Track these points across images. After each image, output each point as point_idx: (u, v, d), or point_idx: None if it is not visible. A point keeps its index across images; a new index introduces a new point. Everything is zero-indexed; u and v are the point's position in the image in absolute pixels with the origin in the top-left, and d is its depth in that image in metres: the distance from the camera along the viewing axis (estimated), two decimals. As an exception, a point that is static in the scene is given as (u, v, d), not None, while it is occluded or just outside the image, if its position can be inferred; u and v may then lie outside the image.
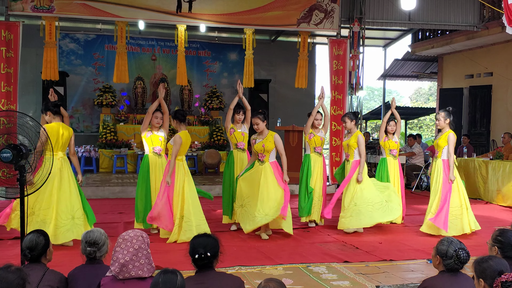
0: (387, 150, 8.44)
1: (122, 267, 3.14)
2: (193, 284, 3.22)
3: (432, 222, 7.30)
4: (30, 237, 3.59)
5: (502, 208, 10.21)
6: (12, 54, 10.78)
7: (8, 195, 4.47)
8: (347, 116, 7.88)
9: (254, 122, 7.13)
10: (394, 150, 8.42)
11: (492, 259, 3.07)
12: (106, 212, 9.13)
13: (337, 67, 12.54)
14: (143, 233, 3.30)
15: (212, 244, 3.34)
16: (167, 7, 11.83)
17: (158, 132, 7.27)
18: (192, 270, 3.41)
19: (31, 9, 11.09)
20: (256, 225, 6.90)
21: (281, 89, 17.60)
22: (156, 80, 16.40)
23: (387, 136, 8.47)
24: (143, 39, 16.53)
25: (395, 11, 13.15)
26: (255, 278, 5.09)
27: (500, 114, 14.54)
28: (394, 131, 8.45)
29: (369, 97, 40.52)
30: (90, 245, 3.63)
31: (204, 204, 9.94)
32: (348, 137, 7.78)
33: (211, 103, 15.91)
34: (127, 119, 15.13)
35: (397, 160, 8.46)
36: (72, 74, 15.75)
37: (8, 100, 10.67)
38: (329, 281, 5.11)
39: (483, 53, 14.91)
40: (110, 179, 12.44)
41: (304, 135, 8.24)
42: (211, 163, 13.89)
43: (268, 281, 2.85)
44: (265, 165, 7.04)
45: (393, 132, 8.45)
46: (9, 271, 2.82)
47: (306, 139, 8.10)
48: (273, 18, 12.37)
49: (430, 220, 7.33)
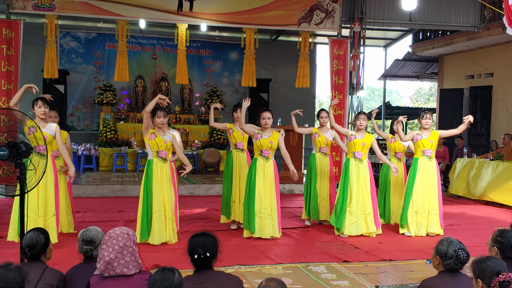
0: (392, 152, 8.35)
1: (107, 265, 3.15)
2: (192, 283, 3.22)
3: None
4: (30, 235, 3.59)
5: (502, 209, 10.20)
6: (13, 52, 10.78)
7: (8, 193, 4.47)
8: (364, 114, 7.55)
9: (266, 116, 6.91)
10: (399, 153, 8.30)
11: (490, 260, 3.07)
12: (106, 210, 9.14)
13: (337, 67, 12.55)
14: (129, 231, 3.30)
15: (211, 244, 3.33)
16: (168, 6, 11.84)
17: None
18: (190, 269, 3.41)
19: (32, 7, 11.09)
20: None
21: (281, 89, 17.63)
22: (157, 79, 16.42)
23: (394, 137, 8.31)
24: (144, 38, 16.55)
25: (396, 12, 13.16)
26: (255, 278, 5.09)
27: (500, 115, 14.54)
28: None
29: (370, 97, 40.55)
30: (86, 244, 3.63)
31: (204, 203, 10.00)
32: (361, 136, 7.37)
33: (212, 102, 15.91)
34: (127, 117, 15.14)
35: (401, 162, 8.31)
36: (72, 72, 15.77)
37: (8, 98, 10.66)
38: (328, 280, 5.11)
39: (483, 54, 14.91)
40: (110, 178, 12.45)
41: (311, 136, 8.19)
42: (211, 162, 13.89)
43: (269, 280, 2.85)
44: (270, 162, 6.98)
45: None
46: (8, 269, 2.82)
47: (312, 138, 8.12)
48: (274, 17, 12.38)
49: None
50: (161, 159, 6.55)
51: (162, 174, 6.55)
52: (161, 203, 6.52)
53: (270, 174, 6.94)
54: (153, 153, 6.54)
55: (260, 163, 6.95)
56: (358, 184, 7.25)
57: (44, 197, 6.31)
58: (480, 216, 9.38)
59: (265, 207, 6.86)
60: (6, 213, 8.44)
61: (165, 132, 6.64)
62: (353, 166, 7.30)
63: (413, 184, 7.37)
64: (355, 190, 7.23)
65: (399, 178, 8.22)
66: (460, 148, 13.14)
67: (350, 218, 7.18)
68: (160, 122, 6.51)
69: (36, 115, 6.40)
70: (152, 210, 6.49)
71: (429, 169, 7.40)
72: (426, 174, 7.38)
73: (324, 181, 8.04)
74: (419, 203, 7.36)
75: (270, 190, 6.93)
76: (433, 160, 7.45)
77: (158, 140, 6.50)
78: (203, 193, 11.35)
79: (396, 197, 8.26)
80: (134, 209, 8.74)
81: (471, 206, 10.56)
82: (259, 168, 6.93)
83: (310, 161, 8.12)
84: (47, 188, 6.36)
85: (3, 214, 8.41)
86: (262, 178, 6.90)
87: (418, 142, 7.45)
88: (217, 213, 8.61)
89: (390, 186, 8.31)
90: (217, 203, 9.17)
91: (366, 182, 7.28)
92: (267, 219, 6.86)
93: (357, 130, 7.46)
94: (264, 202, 6.87)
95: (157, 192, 6.51)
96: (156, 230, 6.49)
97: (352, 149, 7.35)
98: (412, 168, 7.46)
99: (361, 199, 7.23)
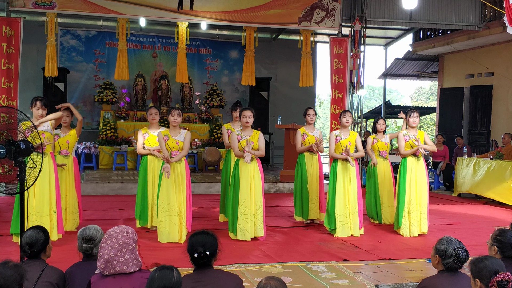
0: (376, 152, 8.37)
1: (107, 263, 3.16)
2: (191, 282, 3.22)
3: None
4: (30, 233, 3.59)
5: (502, 208, 10.20)
6: (13, 50, 10.77)
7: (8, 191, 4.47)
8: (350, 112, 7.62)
9: (247, 115, 6.83)
10: (383, 152, 8.36)
11: (488, 259, 3.07)
12: (106, 208, 9.14)
13: (338, 66, 12.54)
14: (129, 229, 3.30)
15: (211, 242, 3.33)
16: (168, 4, 11.82)
17: (154, 131, 7.06)
18: (190, 268, 3.41)
19: (32, 5, 11.07)
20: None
21: (281, 87, 17.62)
22: (157, 77, 16.41)
23: (376, 137, 8.39)
24: (144, 36, 16.53)
25: (396, 10, 13.15)
26: (254, 276, 5.09)
27: (500, 114, 14.54)
28: (384, 130, 8.41)
29: (370, 96, 40.52)
30: (86, 242, 3.63)
31: (204, 201, 10.00)
32: (346, 136, 7.41)
33: (212, 101, 15.92)
34: (127, 116, 15.13)
35: (387, 161, 8.38)
36: (72, 70, 15.75)
37: (8, 96, 10.67)
38: (328, 279, 5.11)
39: (484, 53, 14.90)
40: (110, 176, 12.45)
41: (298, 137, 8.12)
42: (211, 160, 13.89)
43: (269, 279, 2.85)
44: (253, 162, 6.85)
45: (382, 131, 8.39)
46: (7, 267, 2.83)
47: (301, 140, 8.01)
48: (274, 16, 12.36)
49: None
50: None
51: (175, 174, 6.57)
52: (175, 204, 6.53)
53: (254, 174, 6.84)
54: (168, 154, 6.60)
55: (243, 164, 6.82)
56: (344, 184, 7.26)
57: (44, 194, 6.31)
58: (480, 215, 9.38)
59: (248, 208, 6.77)
60: (5, 211, 8.46)
61: (178, 132, 6.68)
62: (341, 166, 7.31)
63: (404, 185, 7.35)
64: (342, 190, 7.25)
65: (386, 178, 8.28)
66: (460, 147, 13.14)
67: (340, 219, 7.20)
68: (173, 121, 6.60)
69: (34, 116, 6.44)
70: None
71: (417, 169, 7.40)
72: (415, 173, 7.38)
73: (313, 180, 8.02)
74: (411, 203, 7.35)
75: (255, 190, 6.84)
76: (420, 160, 7.44)
77: (170, 142, 6.59)
78: (203, 191, 11.35)
79: (385, 196, 8.27)
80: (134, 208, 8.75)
81: (471, 205, 10.56)
82: (242, 169, 6.83)
83: (300, 161, 8.06)
84: (48, 185, 6.38)
85: (3, 212, 8.42)
86: (245, 179, 6.80)
87: (405, 143, 7.44)
88: (216, 212, 8.61)
89: (379, 186, 8.31)
90: (216, 201, 9.17)
91: (352, 181, 7.29)
92: (250, 219, 6.79)
93: (341, 128, 7.48)
94: (248, 203, 6.78)
95: (165, 191, 6.53)
96: (165, 230, 6.53)
97: (339, 150, 7.34)
98: (402, 168, 7.44)
99: (347, 199, 7.24)
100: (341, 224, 7.20)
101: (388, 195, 8.25)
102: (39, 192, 6.28)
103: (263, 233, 6.88)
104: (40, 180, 6.22)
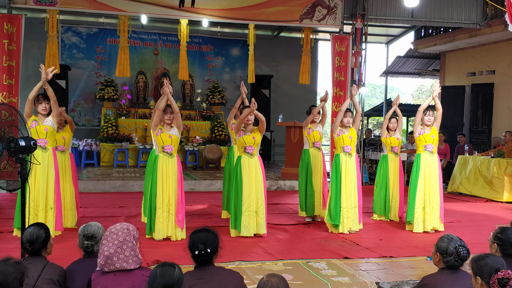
0: (388, 147, 8.43)
1: (107, 260, 3.16)
2: (192, 279, 3.22)
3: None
4: (31, 230, 3.59)
5: (503, 206, 10.21)
6: (14, 47, 10.76)
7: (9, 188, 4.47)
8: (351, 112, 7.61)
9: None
10: (395, 147, 8.39)
11: (488, 257, 3.07)
12: (107, 206, 9.14)
13: (339, 64, 12.53)
14: (129, 226, 3.31)
15: (212, 240, 3.34)
16: (170, 1, 11.81)
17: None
18: (191, 265, 3.42)
19: (33, 2, 11.07)
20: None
21: (283, 85, 17.61)
22: (158, 74, 16.39)
23: (389, 133, 8.46)
24: (145, 33, 16.52)
25: (398, 8, 13.13)
26: (255, 274, 5.09)
27: (502, 112, 14.53)
28: (396, 128, 8.46)
29: (371, 93, 40.46)
30: (87, 239, 3.63)
31: (205, 199, 10.00)
32: (347, 131, 7.40)
33: (213, 98, 15.90)
34: (128, 113, 15.14)
35: (398, 157, 8.44)
36: (74, 67, 15.74)
37: (10, 93, 10.67)
38: (329, 277, 5.11)
39: (485, 51, 14.88)
40: (111, 173, 12.46)
41: (303, 130, 8.19)
42: (212, 158, 13.89)
43: (270, 276, 2.85)
44: (254, 158, 6.93)
45: (394, 129, 8.46)
46: (7, 264, 2.83)
47: (305, 134, 8.08)
48: (276, 13, 12.35)
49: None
50: (167, 154, 6.59)
51: (168, 169, 6.56)
52: (166, 199, 6.52)
53: (255, 171, 6.90)
54: (159, 149, 6.62)
55: (245, 160, 6.90)
56: (347, 179, 7.27)
57: (39, 189, 6.33)
58: (480, 213, 9.38)
59: (251, 204, 6.82)
60: (7, 208, 8.48)
61: (172, 127, 6.70)
62: (343, 161, 7.31)
63: (417, 181, 7.40)
64: (345, 185, 7.25)
65: (396, 173, 8.32)
66: (461, 145, 13.12)
67: (343, 214, 7.21)
68: (166, 119, 6.63)
69: (37, 111, 6.45)
70: (156, 206, 6.50)
71: (431, 164, 7.45)
72: (429, 169, 7.43)
73: (317, 176, 8.04)
74: (424, 199, 7.39)
75: (257, 187, 6.88)
76: (435, 155, 7.50)
77: (163, 136, 6.59)
78: (204, 189, 11.35)
79: (395, 191, 8.29)
80: (135, 205, 8.75)
81: (472, 203, 10.56)
82: (244, 166, 6.88)
83: (304, 157, 8.07)
84: (46, 181, 6.39)
85: (4, 209, 8.43)
86: (248, 176, 6.85)
87: (420, 136, 7.51)
88: (218, 209, 8.62)
89: (389, 181, 8.32)
90: (218, 199, 9.18)
91: (353, 176, 7.32)
92: (254, 216, 6.82)
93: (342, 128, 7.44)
94: (251, 200, 6.82)
95: (160, 187, 6.52)
96: (159, 225, 6.51)
97: (341, 144, 7.34)
98: (415, 164, 7.49)
99: (349, 194, 7.26)
100: (344, 218, 7.22)
101: (397, 191, 8.27)
102: (35, 186, 6.29)
103: (265, 230, 6.90)
104: (38, 175, 6.26)
